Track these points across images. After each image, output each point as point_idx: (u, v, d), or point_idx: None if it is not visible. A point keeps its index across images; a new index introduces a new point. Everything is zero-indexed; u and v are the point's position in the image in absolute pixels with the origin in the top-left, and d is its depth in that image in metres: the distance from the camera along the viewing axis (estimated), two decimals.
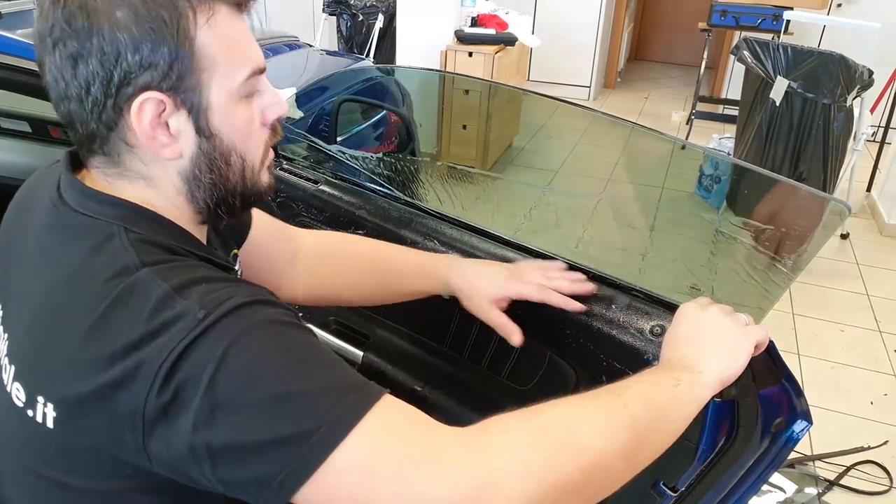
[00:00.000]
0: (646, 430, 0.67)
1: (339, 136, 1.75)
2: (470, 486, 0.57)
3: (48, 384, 0.64)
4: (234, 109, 0.69)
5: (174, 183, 0.71)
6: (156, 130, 0.66)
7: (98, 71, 0.63)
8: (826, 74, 2.94)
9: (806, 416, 0.90)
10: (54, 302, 0.66)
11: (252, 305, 0.61)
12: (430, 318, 1.22)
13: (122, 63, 0.62)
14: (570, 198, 1.57)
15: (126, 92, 0.64)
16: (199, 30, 0.64)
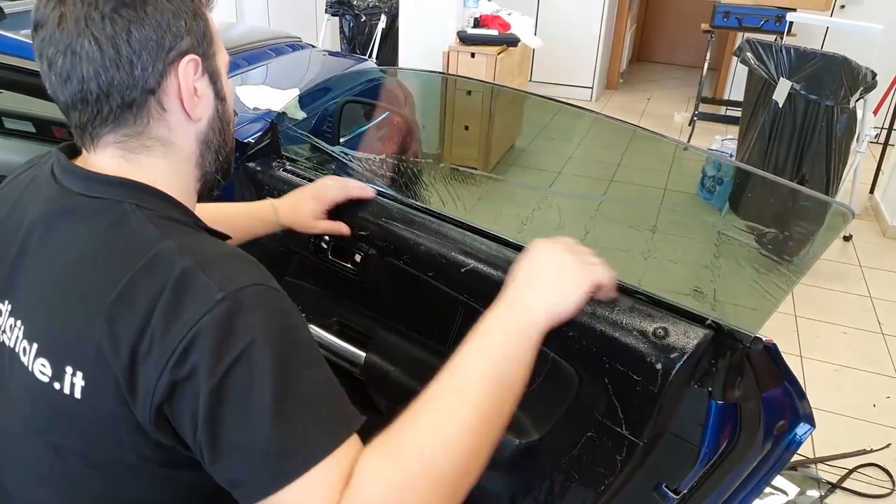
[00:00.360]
0: (493, 407, 0.74)
1: (342, 137, 1.76)
2: None
3: (76, 352, 0.68)
4: (226, 79, 0.82)
5: (190, 147, 0.79)
6: (193, 90, 0.75)
7: (151, 36, 0.70)
8: (829, 76, 2.94)
9: (808, 419, 0.90)
10: (76, 278, 0.70)
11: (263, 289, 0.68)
12: (432, 318, 1.22)
13: (172, 28, 0.72)
14: (572, 199, 1.57)
15: (172, 55, 0.72)
16: (205, 8, 0.77)
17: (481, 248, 1.13)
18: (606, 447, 0.99)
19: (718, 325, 0.92)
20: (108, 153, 0.75)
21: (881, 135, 4.25)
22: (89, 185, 0.74)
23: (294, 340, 0.67)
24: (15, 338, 0.73)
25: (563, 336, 1.00)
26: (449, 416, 0.71)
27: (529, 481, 1.13)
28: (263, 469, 0.62)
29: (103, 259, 0.69)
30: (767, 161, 3.22)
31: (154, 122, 0.75)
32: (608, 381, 0.96)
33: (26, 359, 0.71)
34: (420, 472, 0.66)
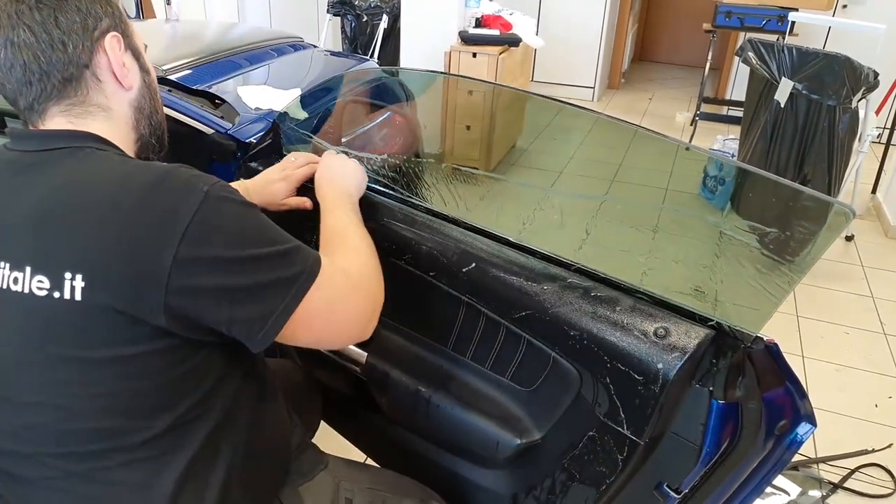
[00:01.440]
0: (369, 245, 1.05)
1: (344, 137, 1.76)
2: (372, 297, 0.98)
3: (73, 258, 0.75)
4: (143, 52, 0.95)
5: (126, 113, 0.91)
6: (122, 63, 0.88)
7: (75, 18, 0.83)
8: (831, 76, 2.94)
9: (810, 419, 0.90)
10: (58, 203, 0.78)
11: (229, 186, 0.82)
12: (434, 318, 1.23)
13: (91, 12, 0.85)
14: (573, 199, 1.57)
15: (97, 34, 0.85)
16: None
17: (483, 248, 1.13)
18: (608, 446, 0.99)
19: (719, 325, 0.92)
20: (55, 121, 0.86)
21: (883, 134, 4.24)
22: (47, 141, 0.84)
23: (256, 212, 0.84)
24: (2, 276, 0.78)
25: (565, 336, 1.00)
26: (358, 243, 1.03)
27: (531, 480, 1.13)
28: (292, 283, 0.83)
29: (81, 185, 0.78)
30: (769, 161, 3.22)
31: (92, 92, 0.87)
32: (609, 381, 0.96)
33: (20, 286, 0.77)
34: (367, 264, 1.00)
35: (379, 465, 1.44)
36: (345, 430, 1.50)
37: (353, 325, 0.93)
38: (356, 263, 0.98)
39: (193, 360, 0.82)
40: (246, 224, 0.81)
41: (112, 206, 0.75)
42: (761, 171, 1.06)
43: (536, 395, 1.10)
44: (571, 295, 1.01)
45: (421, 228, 1.19)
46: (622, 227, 1.25)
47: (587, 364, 0.99)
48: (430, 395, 1.19)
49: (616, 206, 1.38)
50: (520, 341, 1.09)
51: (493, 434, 1.12)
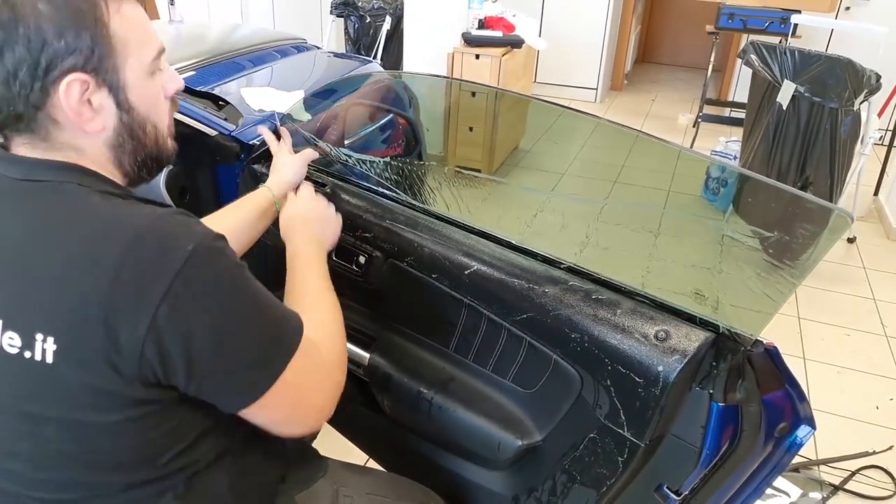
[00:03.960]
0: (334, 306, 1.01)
1: (347, 139, 1.77)
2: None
3: (46, 319, 0.70)
4: (145, 85, 0.81)
5: (102, 152, 0.81)
6: (81, 107, 0.75)
7: (25, 57, 0.70)
8: (833, 78, 2.94)
9: (809, 422, 0.91)
10: (32, 252, 0.72)
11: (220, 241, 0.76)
12: (436, 320, 1.23)
13: (47, 49, 0.71)
14: (575, 201, 1.58)
15: (53, 75, 0.72)
16: (111, 17, 0.75)
17: (484, 251, 1.14)
18: (608, 448, 1.00)
19: (719, 328, 0.93)
20: (22, 151, 0.78)
21: (886, 136, 4.24)
22: (29, 170, 0.76)
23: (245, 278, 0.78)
24: None
25: (566, 338, 1.01)
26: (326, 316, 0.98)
27: (532, 482, 1.14)
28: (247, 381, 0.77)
29: (59, 233, 0.72)
30: (771, 163, 3.22)
31: (53, 131, 0.76)
32: (610, 383, 0.97)
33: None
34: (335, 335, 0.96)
35: (380, 466, 1.45)
36: (346, 431, 1.50)
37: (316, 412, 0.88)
38: (329, 342, 0.92)
39: (172, 421, 0.78)
40: (227, 297, 0.75)
41: (89, 263, 0.70)
42: (761, 176, 1.07)
43: (538, 396, 1.11)
44: (572, 298, 1.02)
45: (423, 231, 1.20)
46: (624, 230, 1.26)
47: (588, 366, 1.00)
48: (432, 396, 1.20)
49: (617, 209, 1.38)
50: (521, 343, 1.09)
51: (495, 435, 1.12)
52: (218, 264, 0.74)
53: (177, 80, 0.88)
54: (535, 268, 1.09)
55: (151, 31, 0.81)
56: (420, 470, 1.30)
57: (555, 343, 1.04)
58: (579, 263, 1.08)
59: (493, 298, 1.10)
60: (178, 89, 0.88)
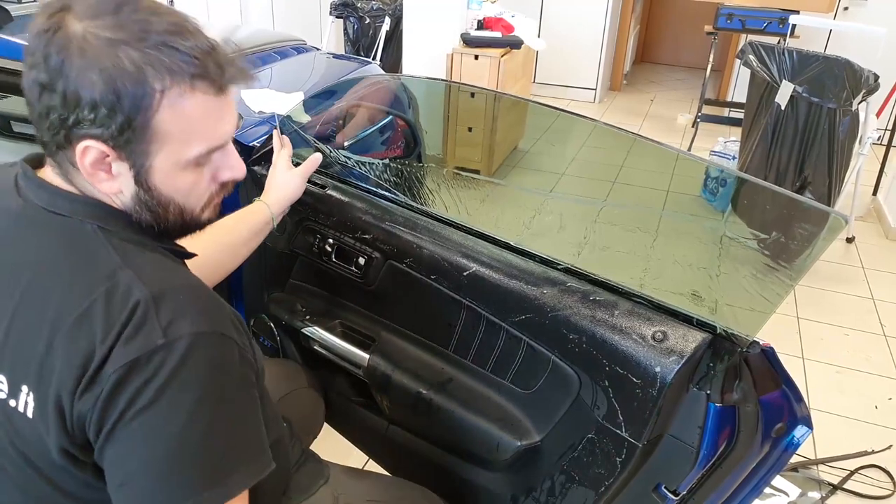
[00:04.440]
0: None
1: (346, 140, 1.77)
2: None
3: (31, 372, 0.69)
4: (178, 175, 0.76)
5: (124, 202, 0.77)
6: (96, 169, 0.72)
7: (58, 107, 0.69)
8: (831, 79, 2.94)
9: (806, 422, 0.91)
10: (37, 296, 0.71)
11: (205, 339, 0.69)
12: (435, 321, 1.24)
13: (78, 112, 0.69)
14: (573, 202, 1.58)
15: (76, 132, 0.70)
16: (160, 109, 0.70)
17: (483, 252, 1.14)
18: (606, 449, 1.00)
19: (717, 329, 0.93)
20: (51, 173, 0.76)
21: (884, 136, 4.25)
22: (53, 200, 0.75)
23: (216, 397, 0.70)
24: None
25: (564, 339, 1.01)
26: None
27: (530, 482, 1.14)
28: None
29: (65, 281, 0.70)
30: (770, 164, 3.23)
31: (73, 173, 0.75)
32: (608, 384, 0.97)
33: None
34: None
35: (380, 467, 1.45)
36: (346, 432, 1.51)
37: None
38: None
39: None
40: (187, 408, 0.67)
41: (81, 321, 0.67)
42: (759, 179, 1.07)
43: (536, 397, 1.12)
44: (570, 299, 1.02)
45: (422, 232, 1.20)
46: (622, 231, 1.26)
47: (586, 367, 1.00)
48: (431, 397, 1.20)
49: (616, 209, 1.39)
50: (520, 344, 1.10)
51: (494, 436, 1.13)
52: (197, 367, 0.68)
53: (235, 170, 0.81)
54: (534, 269, 1.10)
55: (210, 127, 0.75)
56: (419, 470, 1.31)
57: (553, 344, 1.04)
58: (577, 264, 1.09)
59: (492, 299, 1.10)
60: (234, 179, 0.83)
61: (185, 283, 0.74)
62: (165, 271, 0.75)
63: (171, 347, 0.67)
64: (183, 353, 0.67)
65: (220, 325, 0.72)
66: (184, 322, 0.68)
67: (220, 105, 0.74)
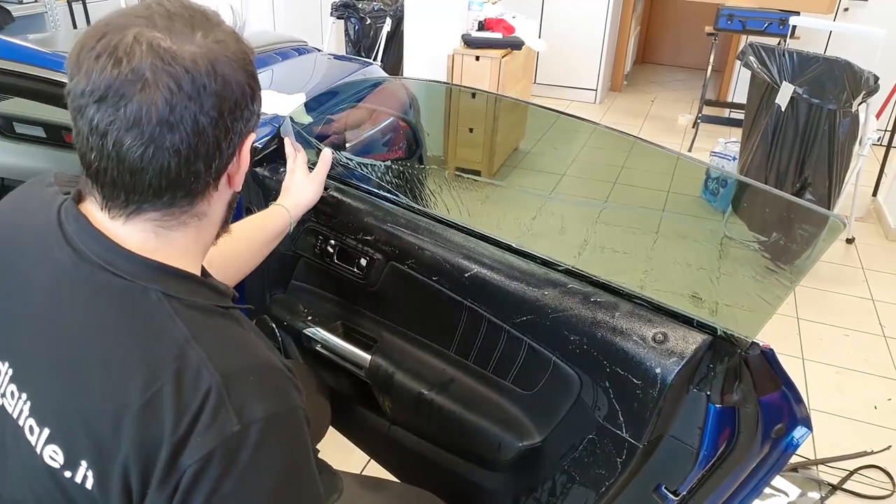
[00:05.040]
0: None
1: (348, 142, 1.77)
2: None
3: (92, 449, 0.65)
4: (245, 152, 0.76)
5: (220, 214, 0.77)
6: (247, 163, 0.75)
7: (237, 125, 0.69)
8: (832, 80, 2.95)
9: (806, 423, 0.92)
10: (96, 368, 0.66)
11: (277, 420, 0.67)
12: (436, 322, 1.24)
13: (246, 113, 0.70)
14: (574, 204, 1.59)
15: (243, 135, 0.71)
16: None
17: (484, 254, 1.15)
18: (607, 449, 1.01)
19: (717, 331, 0.94)
20: (140, 227, 0.70)
21: (884, 137, 4.25)
22: (112, 259, 0.69)
23: (291, 482, 0.69)
24: (19, 410, 0.70)
25: (565, 340, 1.02)
26: None
27: (531, 482, 1.15)
28: None
29: (130, 356, 0.66)
30: (770, 165, 3.23)
31: (201, 199, 0.72)
32: (609, 385, 0.98)
33: (34, 439, 0.68)
34: None
35: (381, 467, 1.46)
36: (348, 433, 1.51)
37: None
38: None
39: None
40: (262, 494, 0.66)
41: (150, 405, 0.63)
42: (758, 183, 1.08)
43: (537, 398, 1.12)
44: (571, 300, 1.03)
45: (424, 234, 1.21)
46: (622, 233, 1.27)
47: (587, 368, 1.01)
48: (433, 397, 1.21)
49: (617, 210, 1.39)
50: (521, 345, 1.11)
51: (495, 436, 1.13)
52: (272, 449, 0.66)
53: None
54: (535, 270, 1.10)
55: None
56: (420, 471, 1.32)
57: (554, 345, 1.05)
58: (578, 266, 1.09)
59: (493, 301, 1.11)
60: None
61: (255, 362, 0.71)
62: (234, 347, 0.71)
63: (247, 433, 0.64)
64: (258, 439, 0.64)
65: (289, 399, 0.70)
66: (256, 406, 0.66)
67: None
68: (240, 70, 0.68)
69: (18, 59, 1.50)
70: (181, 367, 0.64)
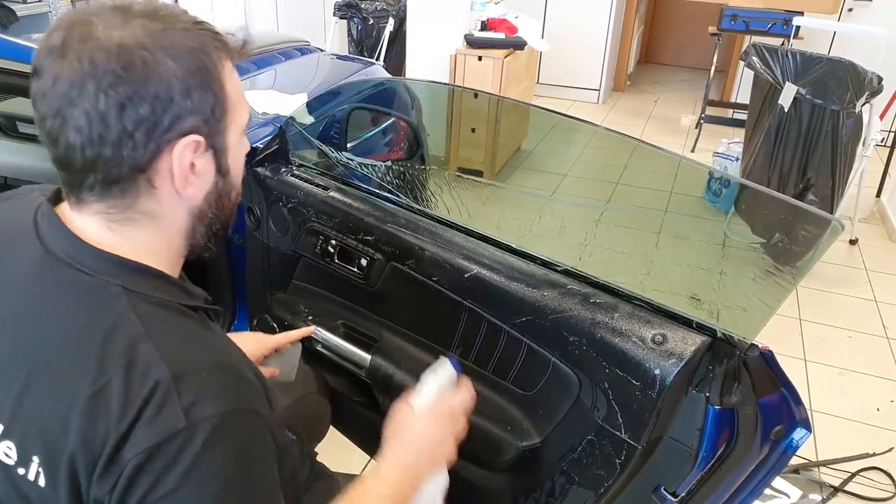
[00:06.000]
0: None
1: (349, 142, 1.78)
2: None
3: (42, 443, 0.65)
4: (239, 147, 0.78)
5: (180, 222, 0.76)
6: (188, 171, 0.71)
7: (148, 116, 0.66)
8: (835, 81, 2.94)
9: (805, 424, 0.92)
10: (52, 364, 0.67)
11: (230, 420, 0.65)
12: (436, 322, 1.24)
13: (173, 108, 0.67)
14: (575, 205, 1.59)
15: (169, 136, 0.68)
16: (223, 77, 0.71)
17: (484, 254, 1.15)
18: (606, 450, 1.01)
19: (716, 332, 0.94)
20: (92, 220, 0.71)
21: (888, 138, 4.24)
22: (76, 254, 0.70)
23: (241, 480, 0.67)
24: None
25: (564, 341, 1.02)
26: None
27: (530, 483, 1.15)
28: None
29: (83, 351, 0.66)
30: (773, 165, 3.23)
31: (143, 198, 0.71)
32: (608, 386, 0.98)
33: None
34: None
35: None
36: (348, 433, 1.52)
37: None
38: None
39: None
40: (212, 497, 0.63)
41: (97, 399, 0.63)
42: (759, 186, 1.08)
43: (536, 399, 1.12)
44: (571, 301, 1.03)
45: (424, 234, 1.21)
46: (623, 234, 1.27)
47: (586, 369, 1.01)
48: None
49: (618, 211, 1.39)
50: (520, 346, 1.11)
51: (494, 437, 1.13)
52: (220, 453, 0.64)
53: (247, 145, 0.82)
54: (535, 271, 1.10)
55: (243, 94, 0.78)
56: None
57: (553, 346, 1.05)
58: (578, 267, 1.10)
59: (493, 301, 1.11)
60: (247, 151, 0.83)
61: (212, 361, 0.69)
62: (192, 345, 0.70)
63: (194, 431, 0.62)
64: (206, 438, 0.63)
65: (243, 401, 0.69)
66: (207, 404, 0.64)
67: None
68: (176, 63, 0.66)
69: (22, 58, 1.51)
70: (131, 361, 0.64)
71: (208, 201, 0.76)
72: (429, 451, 0.93)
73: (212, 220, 0.78)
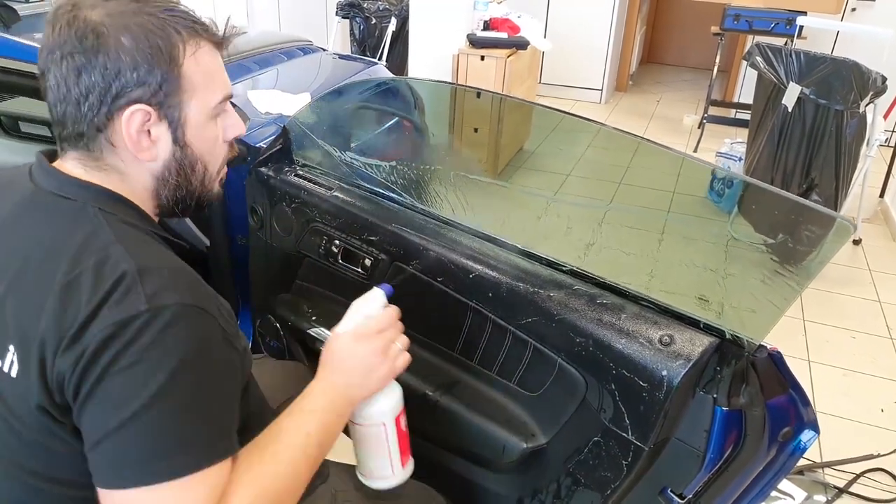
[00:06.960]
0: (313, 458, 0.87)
1: (353, 142, 1.77)
2: None
3: (17, 333, 0.74)
4: (205, 126, 0.86)
5: (145, 180, 0.86)
6: (140, 136, 0.81)
7: (99, 82, 0.78)
8: (839, 81, 2.93)
9: (813, 426, 0.91)
10: (33, 269, 0.76)
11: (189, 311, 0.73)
12: (441, 323, 1.24)
13: (120, 78, 0.78)
14: (580, 205, 1.58)
15: (119, 102, 0.79)
16: (186, 59, 0.81)
17: (489, 255, 1.14)
18: (612, 452, 1.00)
19: (724, 333, 0.93)
20: (73, 164, 0.84)
21: (891, 138, 4.23)
22: (61, 185, 0.82)
23: (197, 366, 0.73)
24: None
25: (571, 342, 1.01)
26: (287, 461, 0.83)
27: (536, 484, 1.14)
28: (134, 465, 0.69)
29: (61, 255, 0.75)
30: (776, 166, 3.22)
31: (107, 153, 0.82)
32: (614, 387, 0.97)
33: None
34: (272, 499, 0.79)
35: None
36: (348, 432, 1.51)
37: None
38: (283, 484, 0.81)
39: None
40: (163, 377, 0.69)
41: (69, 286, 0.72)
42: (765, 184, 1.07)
43: (542, 400, 1.12)
44: (577, 302, 1.02)
45: (428, 234, 1.21)
46: (628, 234, 1.26)
47: (592, 370, 1.00)
48: (438, 398, 1.21)
49: (622, 210, 1.39)
50: (526, 347, 1.10)
51: (500, 438, 1.13)
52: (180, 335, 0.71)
53: (238, 127, 0.92)
54: (540, 272, 1.10)
55: (222, 77, 0.87)
56: (424, 471, 1.31)
57: (559, 347, 1.04)
58: (584, 267, 1.09)
59: (498, 302, 1.10)
60: (239, 135, 0.92)
61: (174, 264, 0.79)
62: (155, 251, 0.80)
63: (156, 314, 0.70)
64: (167, 321, 0.70)
65: (205, 302, 0.76)
66: (168, 294, 0.72)
67: (221, 59, 0.87)
68: (129, 41, 0.77)
69: (24, 58, 1.51)
70: (102, 258, 0.74)
71: (168, 168, 0.85)
72: (359, 368, 0.96)
73: (177, 185, 0.87)
